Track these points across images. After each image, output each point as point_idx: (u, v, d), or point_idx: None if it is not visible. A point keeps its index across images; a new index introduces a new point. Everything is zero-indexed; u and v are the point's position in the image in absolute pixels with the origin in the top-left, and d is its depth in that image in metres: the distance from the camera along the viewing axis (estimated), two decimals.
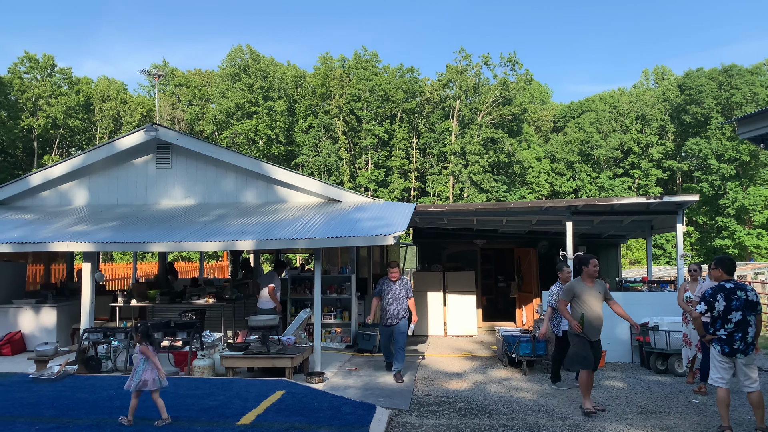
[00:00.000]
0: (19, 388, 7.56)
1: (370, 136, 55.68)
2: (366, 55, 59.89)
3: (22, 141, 54.74)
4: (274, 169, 11.99)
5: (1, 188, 12.63)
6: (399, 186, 55.13)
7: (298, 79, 60.96)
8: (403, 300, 9.05)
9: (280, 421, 5.95)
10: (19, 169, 52.44)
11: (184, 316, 10.64)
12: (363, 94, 56.26)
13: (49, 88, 56.31)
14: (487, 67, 57.72)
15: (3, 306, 11.36)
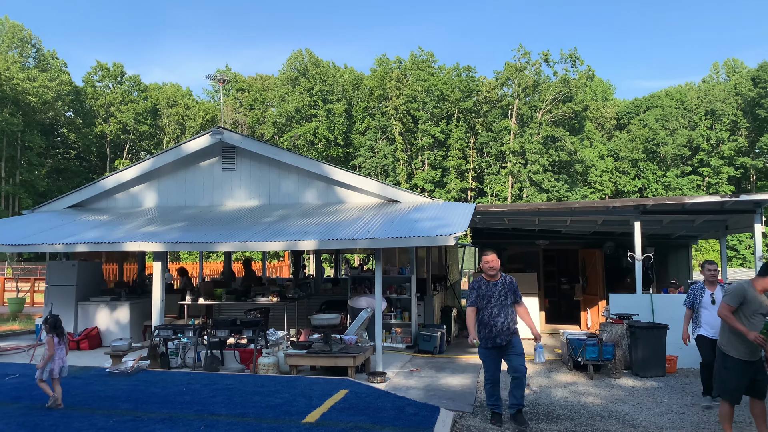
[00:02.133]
0: (97, 382, 7.93)
1: (427, 137, 55.54)
2: (422, 55, 59.80)
3: (96, 146, 57.63)
4: (334, 170, 12.12)
5: (78, 191, 13.32)
6: (456, 186, 54.73)
7: (356, 82, 61.54)
8: (510, 307, 6.42)
9: (345, 420, 5.99)
10: (93, 173, 55.26)
11: (249, 315, 10.90)
12: (419, 94, 56.17)
13: (120, 95, 59.01)
14: (546, 64, 56.52)
15: (81, 303, 11.97)
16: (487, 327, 6.32)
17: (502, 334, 6.29)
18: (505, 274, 6.57)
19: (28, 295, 19.02)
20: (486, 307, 6.35)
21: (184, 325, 9.54)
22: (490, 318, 6.30)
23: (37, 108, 50.78)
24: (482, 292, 6.41)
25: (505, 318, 6.32)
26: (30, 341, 12.19)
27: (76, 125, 56.21)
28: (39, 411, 6.50)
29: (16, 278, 21.76)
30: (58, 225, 11.62)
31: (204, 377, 8.14)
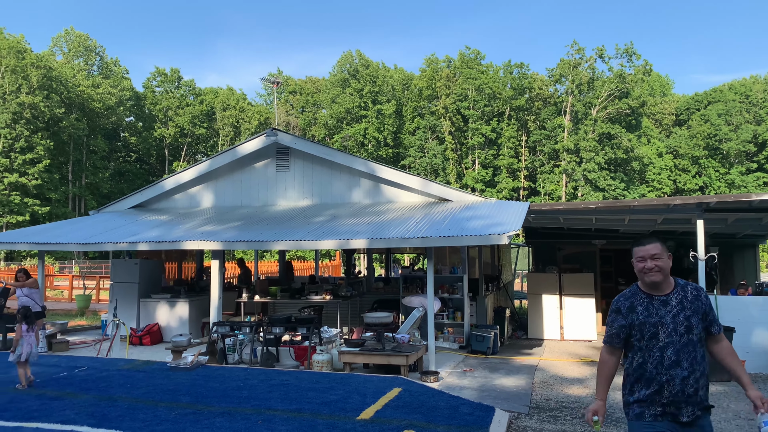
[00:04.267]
0: (159, 375, 8.22)
1: (477, 136, 55.01)
2: (471, 54, 59.25)
3: (156, 149, 59.76)
4: (382, 169, 12.18)
5: (140, 192, 13.85)
6: (507, 185, 53.99)
7: (405, 82, 61.59)
8: (698, 346, 3.21)
9: (399, 418, 6.00)
10: (153, 175, 57.33)
11: (303, 312, 11.06)
12: (469, 93, 55.70)
13: (177, 99, 60.99)
14: (601, 60, 55.10)
15: (143, 300, 12.44)
16: (651, 385, 3.23)
17: (684, 403, 3.17)
18: (684, 281, 3.38)
19: (94, 292, 19.92)
20: (649, 346, 3.25)
21: (240, 322, 9.77)
22: (658, 368, 3.21)
23: (101, 113, 53.09)
24: (638, 317, 3.29)
25: (691, 367, 3.18)
26: (96, 336, 12.76)
27: (136, 129, 58.49)
28: (106, 402, 6.79)
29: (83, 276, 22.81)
30: (122, 225, 12.11)
31: (260, 373, 8.31)
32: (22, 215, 43.95)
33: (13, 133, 44.39)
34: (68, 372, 8.48)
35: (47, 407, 6.56)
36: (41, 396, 7.08)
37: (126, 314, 12.27)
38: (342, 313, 12.43)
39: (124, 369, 8.69)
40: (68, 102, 49.75)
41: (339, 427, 5.71)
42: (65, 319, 15.12)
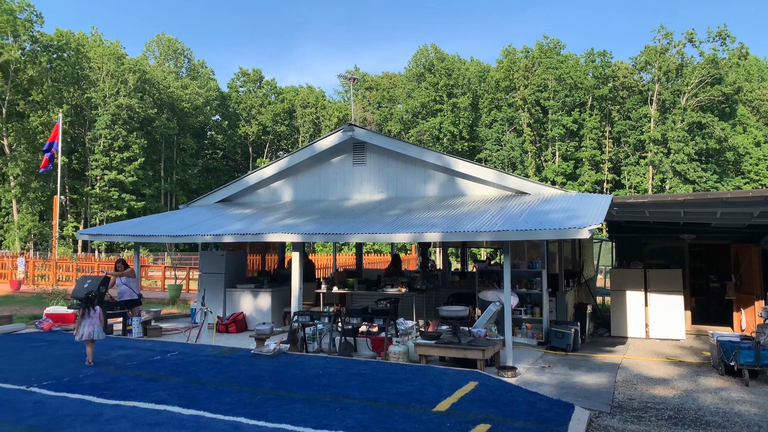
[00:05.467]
0: (243, 362, 8.61)
1: (558, 127, 53.44)
2: (549, 43, 57.53)
3: (240, 146, 62.16)
4: (459, 162, 12.10)
5: (225, 187, 14.49)
6: (590, 178, 52.13)
7: (482, 74, 60.73)
8: None
9: (475, 411, 5.99)
10: (238, 171, 59.73)
11: (379, 304, 11.22)
12: (549, 83, 54.16)
13: (260, 98, 63.14)
14: (691, 45, 52.03)
15: (229, 290, 13.04)
16: None
17: None
18: None
19: (184, 282, 21.06)
20: None
21: (320, 312, 10.05)
22: None
23: (190, 113, 55.90)
24: None
25: None
26: (186, 323, 13.50)
27: (222, 128, 61.14)
28: (195, 385, 7.20)
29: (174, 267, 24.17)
30: (209, 218, 12.73)
31: (339, 362, 8.53)
32: (120, 210, 47.09)
33: (112, 133, 47.56)
34: (161, 356, 9.05)
35: (143, 388, 7.03)
36: (137, 377, 7.61)
37: (213, 303, 12.90)
38: (417, 305, 12.49)
39: (212, 355, 9.16)
40: (160, 103, 52.73)
41: (415, 418, 5.78)
42: (158, 307, 16.09)
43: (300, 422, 5.65)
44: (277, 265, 15.81)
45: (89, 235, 13.13)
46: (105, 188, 47.43)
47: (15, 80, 43.28)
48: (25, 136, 42.84)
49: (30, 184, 43.18)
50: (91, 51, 51.05)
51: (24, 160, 42.44)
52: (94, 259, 29.51)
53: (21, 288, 20.93)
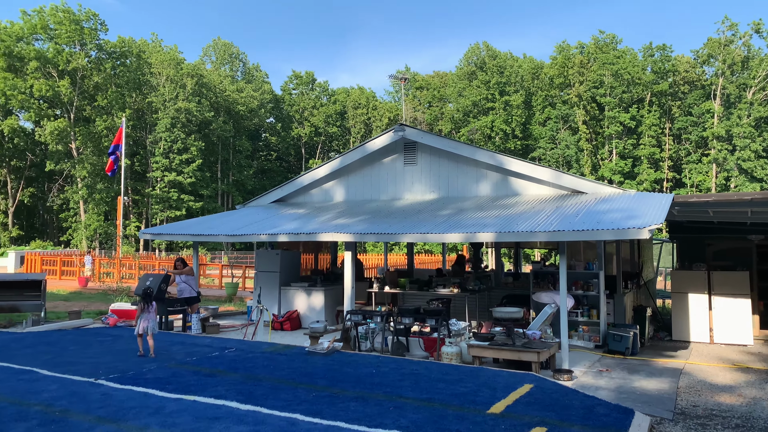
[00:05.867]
0: (298, 359, 8.76)
1: (615, 124, 51.93)
2: (605, 38, 55.92)
3: (293, 148, 63.25)
4: (512, 161, 11.94)
5: (280, 188, 14.78)
6: (648, 177, 50.42)
7: (535, 71, 59.64)
8: None
9: (531, 414, 5.89)
10: (291, 172, 60.79)
11: (431, 304, 11.19)
12: (605, 79, 52.68)
13: (312, 100, 64.06)
14: (758, 36, 49.55)
15: (283, 288, 13.29)
16: None
17: None
18: None
19: (240, 280, 21.61)
20: None
21: (372, 311, 10.12)
22: None
23: (245, 116, 57.27)
24: None
25: None
26: (242, 321, 13.84)
27: (276, 130, 62.36)
28: (252, 381, 7.37)
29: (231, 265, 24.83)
30: (264, 218, 13.01)
31: (391, 361, 8.56)
32: (179, 210, 48.72)
33: (172, 136, 49.26)
34: (219, 352, 9.31)
35: (202, 383, 7.26)
36: (197, 372, 7.86)
37: (268, 301, 13.18)
38: (470, 306, 12.40)
39: (267, 352, 9.36)
40: (216, 106, 54.25)
41: (469, 420, 5.74)
42: (216, 304, 16.56)
43: (354, 420, 5.70)
44: (329, 265, 16.01)
45: (151, 235, 13.65)
46: (165, 189, 49.17)
47: (82, 86, 45.41)
48: (91, 139, 44.88)
49: (95, 185, 45.22)
50: (151, 57, 53.03)
51: (90, 163, 44.47)
52: (155, 258, 30.65)
53: (88, 285, 21.96)
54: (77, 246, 43.80)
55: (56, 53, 43.98)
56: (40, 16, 44.55)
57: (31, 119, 46.42)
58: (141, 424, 5.58)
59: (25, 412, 5.97)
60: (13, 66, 43.35)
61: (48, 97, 43.96)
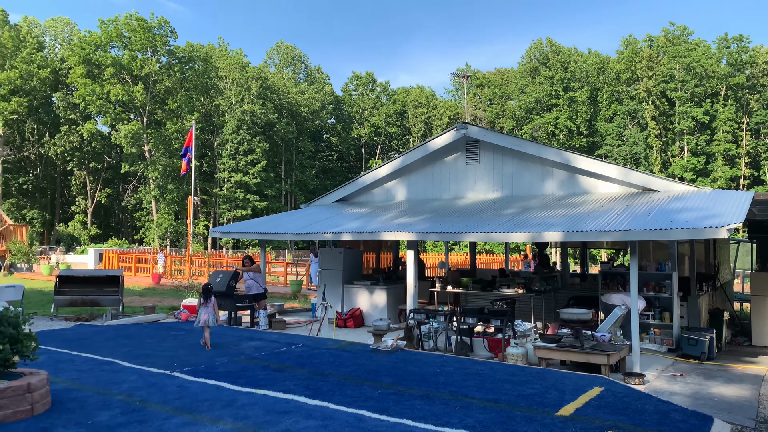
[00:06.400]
0: (362, 356, 8.86)
1: (686, 120, 49.67)
2: (675, 30, 53.52)
3: (354, 148, 63.93)
4: (578, 158, 11.63)
5: (342, 187, 14.98)
6: (723, 174, 47.93)
7: (601, 66, 57.82)
8: None
9: (602, 418, 5.74)
10: (351, 172, 61.45)
11: (495, 304, 11.07)
12: (676, 73, 50.49)
13: (372, 101, 64.52)
14: None
15: (347, 286, 13.47)
16: None
17: None
18: None
19: (304, 278, 22.04)
20: None
21: (435, 311, 10.10)
22: None
23: (307, 117, 58.35)
24: None
25: None
26: (307, 317, 14.11)
27: (336, 130, 63.22)
28: (319, 377, 7.52)
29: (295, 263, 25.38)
30: (327, 217, 13.22)
31: (455, 361, 8.53)
32: (245, 209, 50.19)
33: (238, 138, 50.80)
34: (286, 348, 9.54)
35: (271, 377, 7.46)
36: (266, 367, 8.08)
37: (332, 298, 13.39)
38: (535, 307, 12.17)
39: (333, 348, 9.52)
40: (280, 108, 55.53)
41: (537, 421, 5.65)
42: (281, 301, 16.96)
43: (420, 418, 5.72)
44: (391, 263, 16.09)
45: (221, 233, 14.13)
46: (231, 189, 50.74)
47: (153, 91, 47.50)
48: (162, 142, 46.86)
49: (166, 186, 47.20)
50: (218, 61, 54.85)
51: (161, 164, 46.46)
52: (223, 255, 31.70)
53: (161, 281, 22.96)
54: (150, 244, 45.87)
55: (130, 60, 46.20)
56: (116, 25, 46.90)
57: (107, 123, 48.95)
58: (214, 416, 5.80)
59: (109, 401, 6.32)
60: (91, 73, 45.83)
61: (123, 102, 46.22)
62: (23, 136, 50.23)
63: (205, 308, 9.55)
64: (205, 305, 9.57)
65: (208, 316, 9.49)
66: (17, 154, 48.76)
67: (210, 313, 9.53)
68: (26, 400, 5.81)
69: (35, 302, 15.89)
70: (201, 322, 9.54)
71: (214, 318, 9.58)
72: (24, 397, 5.79)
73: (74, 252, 30.76)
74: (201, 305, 9.60)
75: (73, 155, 50.21)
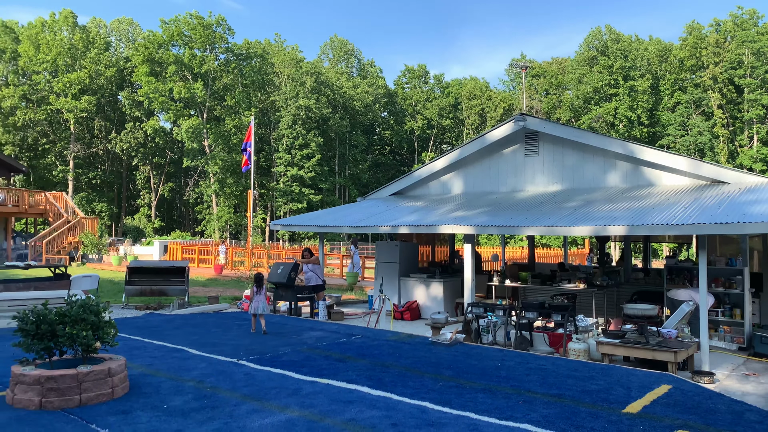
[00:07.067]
0: (421, 349, 8.92)
1: (756, 107, 47.24)
2: (744, 14, 50.82)
3: (406, 141, 63.92)
4: (643, 149, 11.28)
5: (398, 181, 15.04)
6: None
7: (663, 53, 55.64)
8: None
9: (671, 416, 5.60)
10: (404, 165, 61.48)
11: (555, 299, 10.91)
12: (745, 59, 48.03)
13: (425, 93, 64.26)
14: None
15: (403, 278, 13.55)
16: None
17: None
18: None
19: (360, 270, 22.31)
20: None
21: (494, 305, 10.05)
22: None
23: (360, 111, 58.71)
24: None
25: None
26: (363, 309, 14.29)
27: (389, 124, 63.32)
28: (380, 368, 7.63)
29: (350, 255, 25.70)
30: (384, 210, 13.33)
31: (516, 355, 8.47)
32: (300, 203, 51.09)
33: (294, 133, 51.67)
34: (346, 339, 9.71)
35: (334, 367, 7.62)
36: (328, 357, 8.26)
37: (388, 291, 13.51)
38: (597, 303, 11.93)
39: (391, 340, 9.62)
40: (333, 102, 56.09)
41: (604, 418, 5.57)
42: (338, 292, 17.22)
43: (484, 412, 5.74)
44: (447, 257, 16.07)
45: (282, 226, 14.46)
46: (287, 183, 51.72)
47: (212, 88, 48.86)
48: (222, 137, 48.18)
49: (226, 180, 48.55)
50: (274, 57, 55.85)
51: (221, 159, 47.80)
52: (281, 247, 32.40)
53: (222, 272, 23.70)
54: (210, 236, 47.34)
55: (191, 57, 47.66)
56: (176, 24, 48.45)
57: (169, 119, 50.70)
58: (282, 404, 5.99)
59: (181, 387, 6.62)
60: (154, 71, 47.56)
61: (184, 99, 47.76)
62: (92, 133, 52.70)
63: (258, 296, 10.24)
64: (258, 293, 10.25)
65: (259, 303, 10.20)
66: (87, 151, 51.21)
67: (262, 301, 10.23)
68: (107, 383, 6.15)
69: (107, 291, 16.71)
70: (252, 309, 10.27)
71: (265, 305, 10.28)
72: (105, 380, 6.14)
73: (140, 244, 32.13)
74: (254, 294, 10.26)
75: (138, 151, 52.30)
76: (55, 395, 5.83)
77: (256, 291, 10.29)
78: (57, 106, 46.02)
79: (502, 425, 5.34)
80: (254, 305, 10.25)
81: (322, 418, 5.52)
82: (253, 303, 10.27)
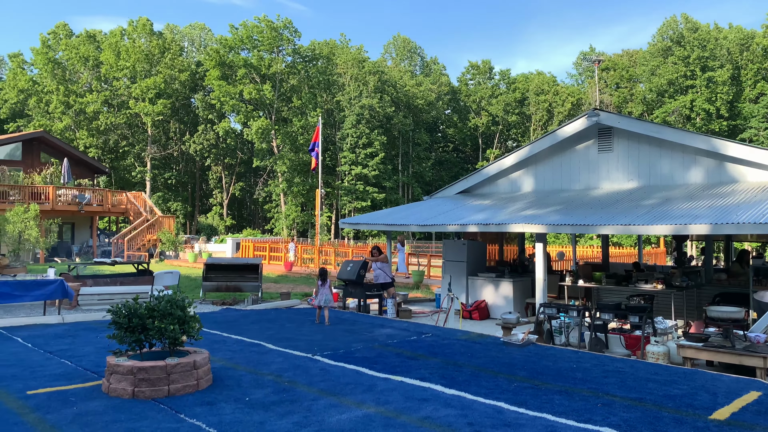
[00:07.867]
0: (493, 348, 8.87)
1: None
2: None
3: (470, 139, 63.35)
4: (729, 145, 10.74)
5: (465, 179, 14.97)
6: None
7: (744, 42, 52.59)
8: None
9: (763, 425, 5.33)
10: (467, 163, 60.96)
11: (631, 300, 10.56)
12: None
13: (489, 89, 63.45)
14: None
15: (470, 277, 13.48)
16: None
17: None
18: None
19: (425, 269, 22.34)
20: None
21: (567, 305, 9.85)
22: None
23: (423, 109, 58.64)
24: None
25: None
26: (430, 307, 14.32)
27: (452, 121, 62.93)
28: (452, 367, 7.64)
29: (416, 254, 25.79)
30: (451, 209, 13.30)
31: (591, 357, 8.27)
32: (364, 201, 51.62)
33: (357, 132, 52.26)
34: (417, 337, 9.77)
35: (406, 365, 7.70)
36: (400, 354, 8.34)
37: (456, 290, 13.47)
38: (676, 304, 11.46)
39: (462, 339, 9.60)
40: (397, 101, 56.29)
41: (689, 424, 5.37)
42: (405, 290, 17.33)
43: (561, 414, 5.65)
44: (516, 256, 15.84)
45: (350, 224, 14.70)
46: (352, 182, 52.37)
47: (280, 89, 50.09)
48: (289, 137, 49.33)
49: (293, 179, 49.69)
50: (338, 58, 56.62)
51: (289, 159, 48.96)
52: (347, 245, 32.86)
53: (292, 269, 24.31)
54: (279, 234, 48.59)
55: (259, 60, 49.05)
56: (245, 28, 49.95)
57: (240, 121, 52.37)
58: (357, 400, 6.11)
59: (261, 380, 6.87)
60: (225, 74, 49.25)
61: (254, 100, 49.22)
62: (167, 135, 55.14)
63: (323, 290, 10.94)
64: (323, 287, 10.94)
65: (324, 296, 10.92)
66: (163, 152, 53.66)
67: (326, 294, 10.95)
68: (193, 375, 6.47)
69: (184, 287, 17.49)
70: (317, 302, 11.05)
71: (329, 298, 11.04)
72: (191, 372, 6.46)
73: (214, 241, 33.37)
74: (319, 287, 11.01)
75: (210, 152, 54.32)
76: (146, 385, 6.18)
77: (320, 284, 11.02)
78: (135, 110, 48.42)
79: (581, 428, 5.25)
80: (320, 298, 10.96)
81: (398, 415, 5.60)
82: (319, 296, 10.97)
